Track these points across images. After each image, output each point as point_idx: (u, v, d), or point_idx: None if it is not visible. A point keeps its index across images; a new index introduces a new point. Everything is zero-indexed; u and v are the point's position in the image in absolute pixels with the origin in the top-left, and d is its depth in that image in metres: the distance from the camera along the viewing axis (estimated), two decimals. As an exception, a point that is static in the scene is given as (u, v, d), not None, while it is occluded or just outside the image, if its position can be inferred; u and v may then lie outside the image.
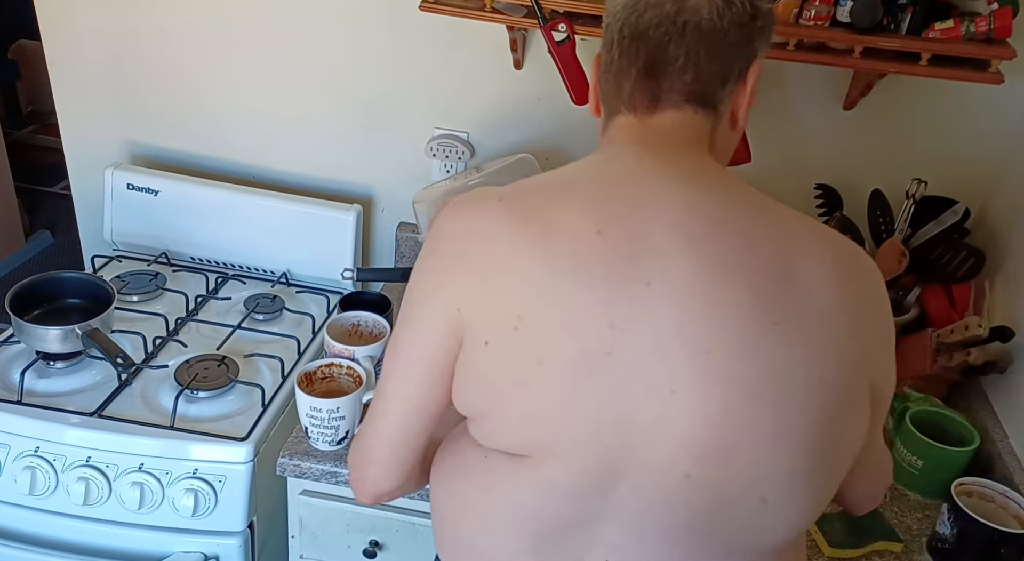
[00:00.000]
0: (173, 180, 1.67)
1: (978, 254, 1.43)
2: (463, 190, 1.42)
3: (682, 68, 0.82)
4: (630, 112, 0.86)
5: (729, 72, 0.83)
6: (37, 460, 1.26)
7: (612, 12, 0.86)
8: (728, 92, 0.85)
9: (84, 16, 1.65)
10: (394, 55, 1.59)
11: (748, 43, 0.83)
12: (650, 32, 0.82)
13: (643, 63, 0.83)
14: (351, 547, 1.28)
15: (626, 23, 0.84)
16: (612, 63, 0.86)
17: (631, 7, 0.83)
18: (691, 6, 0.81)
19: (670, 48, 0.81)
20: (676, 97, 0.83)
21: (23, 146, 3.63)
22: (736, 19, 0.81)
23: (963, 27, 1.24)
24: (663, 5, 0.81)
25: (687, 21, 0.80)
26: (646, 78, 0.83)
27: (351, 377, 1.27)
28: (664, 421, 0.74)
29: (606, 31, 0.87)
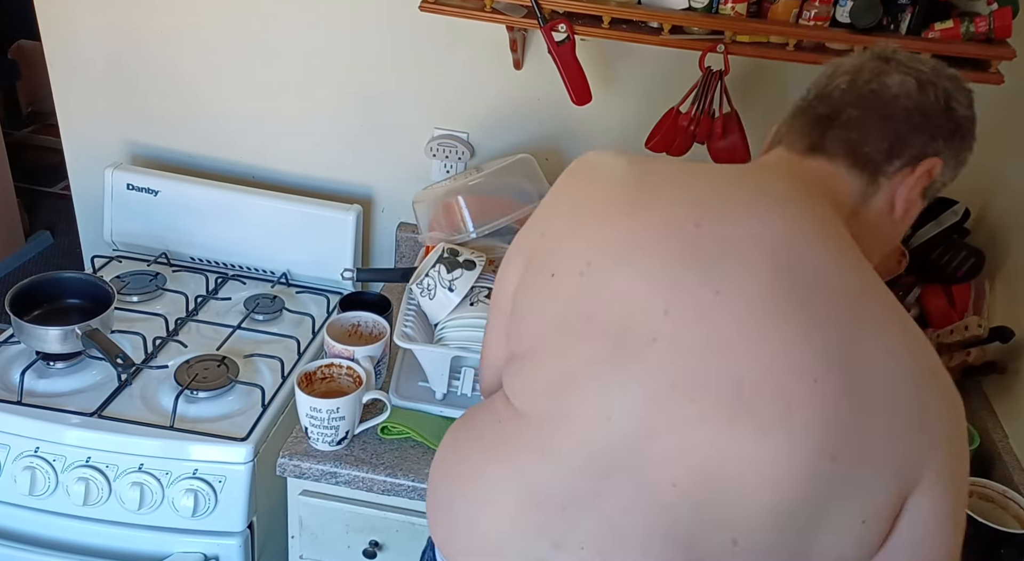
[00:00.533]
0: (173, 180, 1.67)
1: (978, 254, 1.43)
2: (463, 190, 1.42)
3: (848, 124, 0.84)
4: (788, 148, 0.89)
5: (900, 150, 0.84)
6: (37, 460, 1.26)
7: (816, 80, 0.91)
8: (894, 169, 0.85)
9: (84, 16, 1.65)
10: (394, 55, 1.59)
11: (931, 135, 0.84)
12: (835, 93, 0.86)
13: (818, 114, 0.87)
14: (351, 547, 1.28)
15: (816, 85, 0.89)
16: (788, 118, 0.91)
17: (828, 75, 0.89)
18: (884, 81, 0.84)
19: (848, 109, 0.85)
20: (834, 148, 0.85)
21: (23, 146, 3.63)
22: (924, 106, 0.83)
23: (963, 27, 1.24)
24: (858, 74, 0.86)
25: (873, 90, 0.84)
26: (814, 126, 0.87)
27: (351, 377, 1.27)
28: (676, 424, 0.75)
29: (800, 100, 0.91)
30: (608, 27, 1.32)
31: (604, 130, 1.61)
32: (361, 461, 1.22)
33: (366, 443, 1.26)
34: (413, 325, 1.33)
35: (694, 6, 1.30)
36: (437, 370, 1.29)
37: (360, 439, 1.26)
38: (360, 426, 1.25)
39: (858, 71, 0.86)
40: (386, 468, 1.22)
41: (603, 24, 1.32)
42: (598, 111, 1.52)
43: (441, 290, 1.29)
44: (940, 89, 0.84)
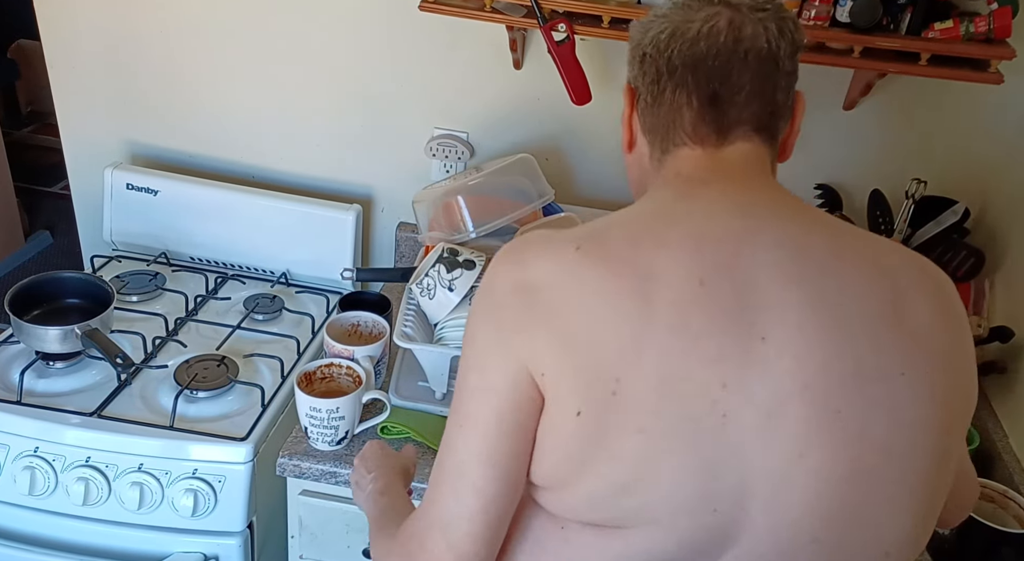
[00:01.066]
0: (172, 180, 1.67)
1: (978, 254, 1.43)
2: (463, 190, 1.42)
3: (748, 97, 0.78)
4: (696, 144, 0.80)
5: (787, 102, 0.81)
6: (36, 460, 1.26)
7: (651, 43, 0.81)
8: (785, 123, 0.82)
9: (83, 16, 1.65)
10: (394, 55, 1.59)
11: (796, 73, 0.81)
12: (708, 61, 0.78)
13: (705, 92, 0.79)
14: (351, 547, 1.28)
15: (676, 54, 0.79)
16: (661, 95, 0.81)
17: (679, 37, 0.79)
18: (748, 35, 0.77)
19: (733, 76, 0.78)
20: (745, 128, 0.79)
21: (22, 146, 3.63)
22: (788, 48, 0.79)
23: (963, 27, 1.24)
24: (718, 35, 0.78)
25: (748, 49, 0.77)
26: (710, 107, 0.79)
27: (351, 377, 1.27)
28: (788, 485, 0.69)
29: (643, 62, 0.82)
30: (608, 27, 1.32)
31: (604, 130, 1.61)
32: (361, 461, 1.22)
33: (366, 443, 1.26)
34: (413, 325, 1.33)
35: (694, 6, 1.30)
36: (437, 370, 1.29)
37: (360, 439, 1.26)
38: (360, 426, 1.25)
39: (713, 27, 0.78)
40: (386, 468, 1.21)
41: (603, 24, 1.32)
42: (598, 111, 1.52)
43: (441, 290, 1.29)
44: (790, 23, 0.80)
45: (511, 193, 1.44)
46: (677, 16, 0.80)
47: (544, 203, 1.46)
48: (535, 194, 1.45)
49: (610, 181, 1.66)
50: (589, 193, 1.68)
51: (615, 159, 1.64)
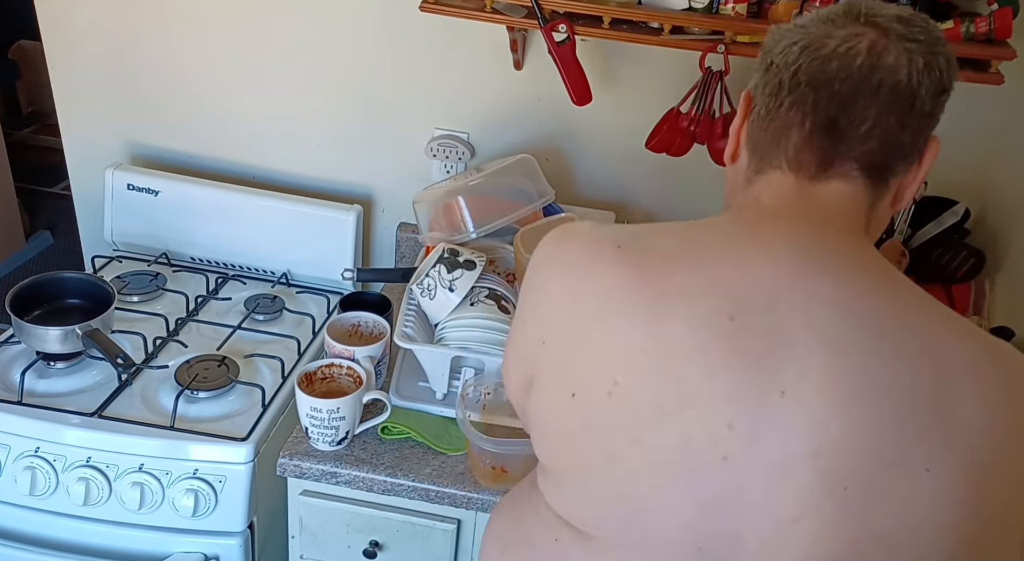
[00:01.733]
0: (173, 180, 1.67)
1: (978, 254, 1.43)
2: (463, 190, 1.42)
3: (867, 133, 0.71)
4: (791, 171, 0.75)
5: (914, 146, 0.74)
6: (37, 460, 1.26)
7: (781, 51, 0.75)
8: (905, 168, 0.75)
9: (84, 17, 1.65)
10: (394, 56, 1.59)
11: (935, 116, 0.74)
12: (836, 84, 0.71)
13: (822, 119, 0.72)
14: (351, 547, 1.28)
15: (804, 68, 0.72)
16: (776, 110, 0.75)
17: (811, 52, 0.72)
18: (888, 64, 0.70)
19: (857, 107, 0.71)
20: (851, 165, 0.73)
21: (23, 146, 3.63)
22: (933, 87, 0.71)
23: (963, 27, 1.24)
24: (855, 58, 0.70)
25: (883, 79, 0.70)
26: (822, 135, 0.72)
27: (351, 377, 1.27)
28: (779, 547, 0.66)
29: (768, 70, 0.76)
30: (608, 27, 1.32)
31: (604, 130, 1.61)
32: (361, 461, 1.22)
33: (366, 443, 1.26)
34: (413, 325, 1.33)
35: (694, 6, 1.30)
36: (437, 370, 1.29)
37: (360, 439, 1.26)
38: (360, 426, 1.25)
39: (852, 48, 0.71)
40: (386, 468, 1.22)
41: (603, 24, 1.32)
42: (598, 111, 1.52)
43: (441, 290, 1.29)
44: (943, 61, 0.72)
45: (511, 193, 1.44)
46: (817, 30, 0.73)
47: (544, 203, 1.46)
48: (535, 194, 1.45)
49: (610, 181, 1.66)
50: (589, 193, 1.68)
51: (615, 159, 1.64)
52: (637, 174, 1.64)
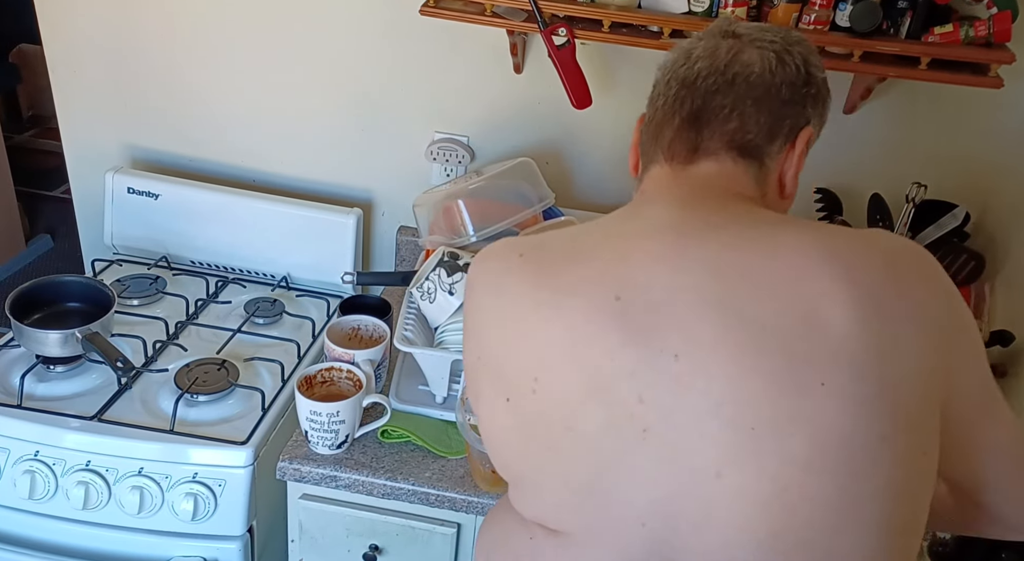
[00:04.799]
0: (173, 184, 1.67)
1: (978, 258, 1.43)
2: (463, 194, 1.42)
3: (726, 117, 0.80)
4: (667, 162, 0.84)
5: (778, 128, 0.81)
6: (37, 464, 1.26)
7: (661, 67, 0.87)
8: (776, 149, 0.82)
9: (85, 20, 1.66)
10: (394, 59, 1.60)
11: (800, 106, 0.82)
12: (698, 82, 0.81)
13: (688, 111, 0.82)
14: (351, 551, 1.27)
15: (675, 74, 0.83)
16: (655, 113, 0.85)
17: (682, 59, 0.84)
18: (744, 60, 0.81)
19: (717, 97, 0.81)
20: (715, 145, 0.81)
21: (24, 150, 3.63)
22: (788, 78, 0.81)
23: (962, 31, 1.24)
24: (715, 57, 0.81)
25: (737, 73, 0.80)
26: (688, 127, 0.82)
27: (351, 381, 1.27)
28: (713, 505, 0.69)
29: (654, 88, 0.87)
30: (608, 31, 1.32)
31: (604, 134, 1.61)
32: (361, 465, 1.22)
33: (366, 447, 1.26)
34: (413, 329, 1.33)
35: (694, 10, 1.30)
36: (437, 374, 1.29)
37: (360, 443, 1.26)
38: (360, 430, 1.25)
39: (713, 53, 0.82)
40: (386, 472, 1.21)
41: (603, 28, 1.32)
42: (598, 115, 1.52)
43: (441, 294, 1.29)
44: (797, 57, 0.82)
45: (511, 197, 1.44)
46: (687, 45, 0.85)
47: (544, 207, 1.46)
48: (535, 198, 1.45)
49: (610, 185, 1.66)
50: (589, 197, 1.68)
51: (615, 163, 1.64)
52: (637, 177, 1.64)
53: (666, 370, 0.70)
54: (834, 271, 0.71)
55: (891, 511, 0.70)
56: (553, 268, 0.78)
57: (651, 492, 0.71)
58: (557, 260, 0.78)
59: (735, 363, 0.69)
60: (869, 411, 0.68)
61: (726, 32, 0.84)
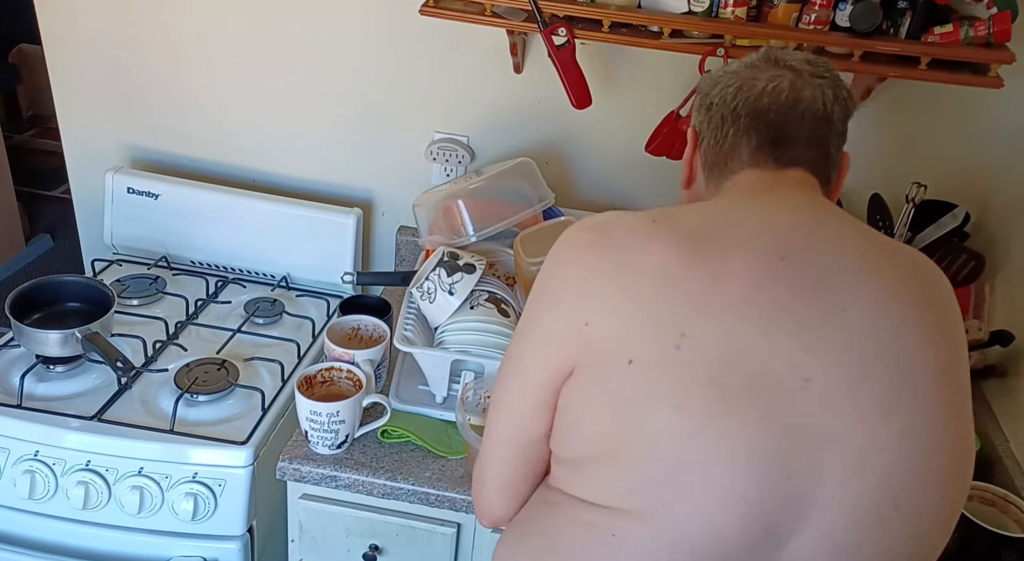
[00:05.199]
0: (173, 184, 1.67)
1: (978, 258, 1.43)
2: (463, 194, 1.42)
3: (805, 146, 0.88)
4: (756, 167, 0.89)
5: (835, 157, 0.91)
6: (36, 464, 1.26)
7: (718, 95, 0.91)
8: (834, 176, 0.92)
9: (85, 21, 1.66)
10: (394, 59, 1.60)
11: (845, 134, 0.92)
12: (769, 115, 0.88)
13: (769, 135, 0.88)
14: (351, 551, 1.27)
15: (741, 105, 0.89)
16: (724, 137, 0.90)
17: (744, 92, 0.89)
18: (807, 96, 0.88)
19: (790, 129, 0.88)
20: (800, 165, 0.89)
21: (23, 150, 3.63)
22: (840, 113, 0.89)
23: (962, 31, 1.24)
24: (780, 93, 0.88)
25: (805, 109, 0.87)
26: (772, 147, 0.88)
27: (351, 381, 1.27)
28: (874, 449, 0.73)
29: (709, 110, 0.92)
30: (608, 31, 1.32)
31: (604, 134, 1.61)
32: (361, 465, 1.22)
33: (366, 447, 1.26)
34: (413, 329, 1.33)
35: (694, 10, 1.30)
36: (437, 374, 1.29)
37: (360, 443, 1.26)
38: (360, 430, 1.25)
39: (776, 87, 0.88)
40: (386, 472, 1.21)
41: (603, 28, 1.32)
42: (598, 115, 1.52)
43: (441, 294, 1.29)
44: (843, 91, 0.90)
45: (511, 197, 1.44)
46: (745, 74, 0.90)
47: (544, 207, 1.46)
48: (535, 198, 1.45)
49: (610, 185, 1.66)
50: (589, 197, 1.68)
51: (615, 163, 1.64)
52: (637, 177, 1.64)
53: (835, 321, 0.74)
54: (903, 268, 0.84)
55: (941, 544, 0.80)
56: (697, 233, 0.79)
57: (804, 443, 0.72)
58: (697, 227, 0.80)
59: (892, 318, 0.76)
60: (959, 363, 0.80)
61: (778, 62, 0.90)
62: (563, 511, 0.81)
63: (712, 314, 0.74)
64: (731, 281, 0.74)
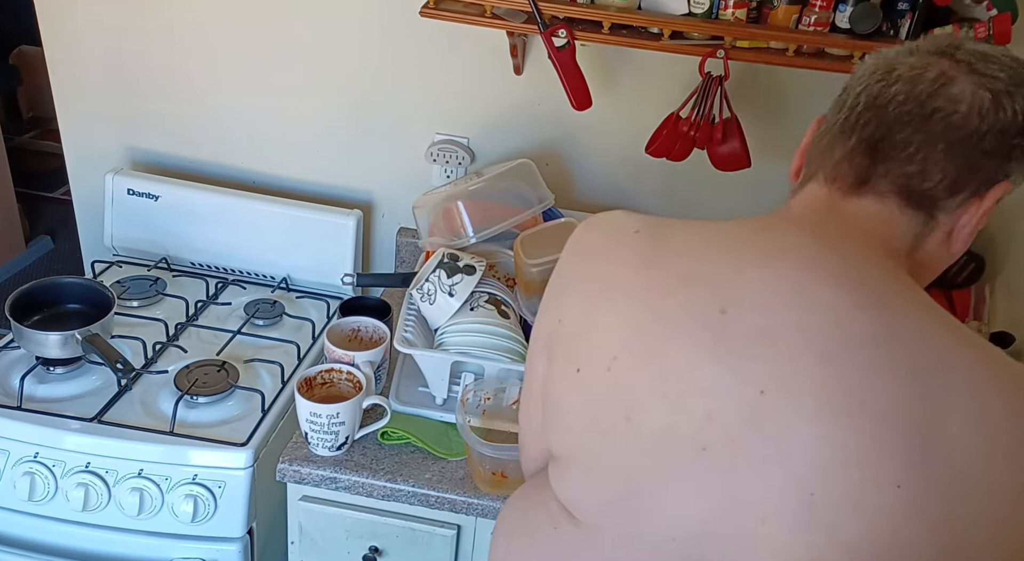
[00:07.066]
0: (173, 185, 1.67)
1: (978, 260, 1.43)
2: (463, 195, 1.42)
3: (909, 157, 0.70)
4: (827, 183, 0.75)
5: (966, 181, 0.70)
6: (36, 466, 1.26)
7: (858, 75, 0.76)
8: (956, 203, 0.71)
9: (85, 22, 1.66)
10: (395, 61, 1.60)
11: (1004, 158, 0.70)
12: (890, 107, 0.71)
13: (867, 136, 0.72)
14: (351, 553, 1.27)
15: (867, 89, 0.73)
16: (834, 125, 0.76)
17: (881, 73, 0.73)
18: (951, 94, 0.69)
19: (905, 130, 0.70)
20: (885, 186, 0.71)
21: (24, 151, 3.63)
22: (1000, 126, 0.68)
23: (962, 33, 1.24)
24: (916, 84, 0.70)
25: (938, 108, 0.69)
26: (863, 153, 0.72)
27: (351, 382, 1.27)
28: (747, 547, 0.66)
29: (844, 92, 0.77)
30: (608, 32, 1.32)
31: (604, 135, 1.61)
32: (361, 466, 1.22)
33: (366, 448, 1.26)
34: (413, 330, 1.33)
35: (694, 11, 1.30)
36: (437, 375, 1.29)
37: (360, 444, 1.26)
38: (360, 431, 1.25)
39: (918, 77, 0.70)
40: (386, 473, 1.21)
41: (603, 29, 1.32)
42: (598, 116, 1.52)
43: (441, 295, 1.29)
44: (1019, 101, 0.69)
45: (511, 198, 1.44)
46: (894, 57, 0.74)
47: (544, 208, 1.46)
48: (535, 199, 1.45)
49: (610, 186, 1.66)
50: (589, 198, 1.68)
51: (615, 164, 1.64)
52: (637, 179, 1.64)
53: (747, 401, 0.65)
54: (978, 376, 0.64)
55: None
56: (667, 254, 0.74)
57: (690, 511, 0.68)
58: (674, 247, 0.74)
59: (820, 423, 0.63)
60: (933, 535, 0.62)
61: (944, 51, 0.71)
62: (546, 501, 0.82)
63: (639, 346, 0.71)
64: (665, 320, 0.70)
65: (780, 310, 0.67)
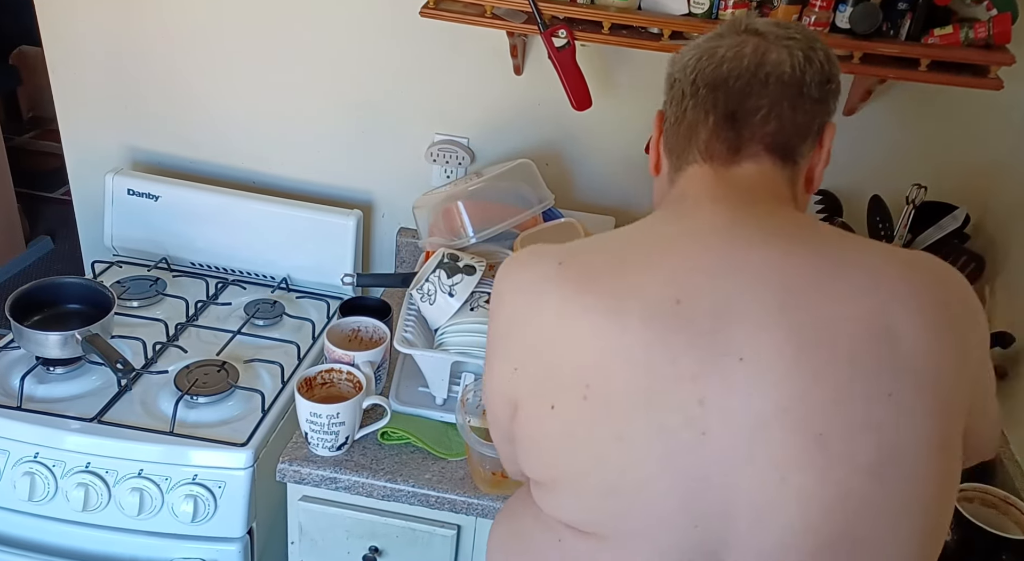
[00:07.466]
0: (173, 186, 1.67)
1: (978, 259, 1.43)
2: (463, 195, 1.42)
3: (764, 118, 0.79)
4: (706, 161, 0.82)
5: (809, 127, 0.81)
6: (36, 466, 1.26)
7: (681, 67, 0.85)
8: (808, 148, 0.82)
9: (85, 22, 1.66)
10: (395, 61, 1.60)
11: (825, 102, 0.82)
12: (730, 82, 0.80)
13: (723, 111, 0.80)
14: (351, 553, 1.27)
15: (700, 74, 0.81)
16: (684, 114, 0.83)
17: (705, 60, 0.82)
18: (772, 60, 0.79)
19: (751, 98, 0.79)
20: (756, 147, 0.80)
21: (24, 151, 3.62)
22: (816, 77, 0.80)
23: (962, 33, 1.24)
24: (742, 58, 0.80)
25: (769, 73, 0.79)
26: (725, 126, 0.81)
27: (351, 382, 1.27)
28: (773, 507, 0.70)
29: (673, 86, 0.86)
30: (608, 33, 1.32)
31: (604, 135, 1.61)
32: (361, 467, 1.22)
33: (366, 448, 1.26)
34: (413, 330, 1.33)
35: (694, 11, 1.30)
36: (437, 375, 1.29)
37: (360, 444, 1.26)
38: (360, 431, 1.25)
39: (740, 52, 0.80)
40: (386, 474, 1.21)
41: (603, 30, 1.32)
42: (598, 116, 1.52)
43: (441, 295, 1.29)
44: (820, 54, 0.81)
45: (511, 198, 1.44)
46: (707, 44, 0.83)
47: (544, 208, 1.46)
48: (535, 199, 1.45)
49: (610, 186, 1.66)
50: (589, 198, 1.68)
51: (615, 165, 1.64)
52: (637, 179, 1.64)
53: (730, 372, 0.70)
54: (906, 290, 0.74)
55: (935, 519, 0.73)
56: (601, 275, 0.76)
57: (708, 494, 0.70)
58: (603, 266, 0.77)
59: (801, 367, 0.69)
60: (931, 423, 0.71)
61: (747, 28, 0.82)
62: (540, 515, 0.82)
63: (610, 367, 0.72)
64: (628, 332, 0.72)
65: (726, 283, 0.73)
